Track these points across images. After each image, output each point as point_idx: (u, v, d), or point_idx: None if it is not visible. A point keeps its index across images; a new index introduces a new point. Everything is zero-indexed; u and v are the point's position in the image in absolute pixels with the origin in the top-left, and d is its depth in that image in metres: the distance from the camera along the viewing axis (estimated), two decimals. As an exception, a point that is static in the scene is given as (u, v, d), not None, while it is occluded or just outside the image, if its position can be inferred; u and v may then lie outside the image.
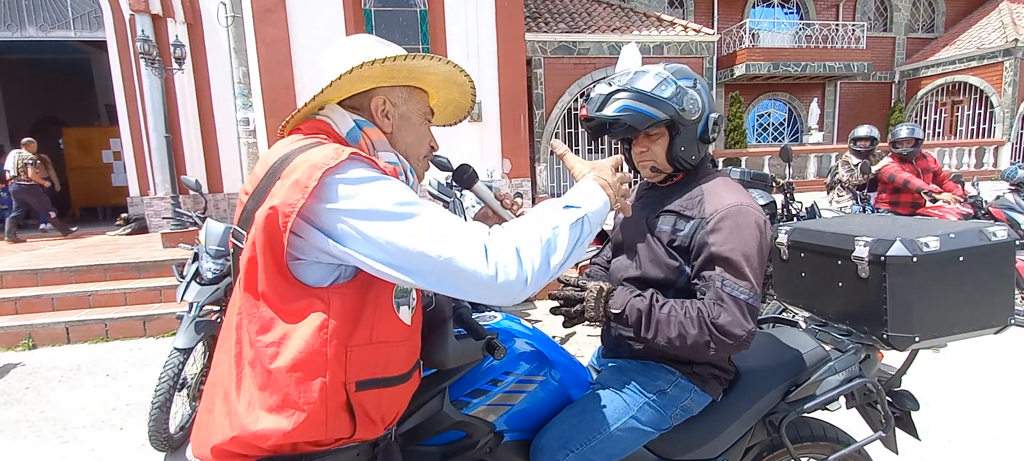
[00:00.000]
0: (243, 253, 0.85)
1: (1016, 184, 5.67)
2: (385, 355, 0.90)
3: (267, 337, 0.83)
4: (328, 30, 8.65)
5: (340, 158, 0.82)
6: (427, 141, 1.10)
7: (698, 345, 1.13)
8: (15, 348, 4.45)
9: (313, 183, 0.79)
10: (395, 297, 0.91)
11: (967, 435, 2.55)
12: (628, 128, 1.23)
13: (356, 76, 0.93)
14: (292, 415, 0.82)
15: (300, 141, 0.91)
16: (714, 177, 1.29)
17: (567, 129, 11.20)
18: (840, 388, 1.34)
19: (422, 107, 1.08)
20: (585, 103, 1.30)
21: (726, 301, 1.12)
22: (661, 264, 1.24)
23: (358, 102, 1.01)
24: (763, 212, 1.19)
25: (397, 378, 0.93)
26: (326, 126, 0.97)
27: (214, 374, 0.90)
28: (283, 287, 0.83)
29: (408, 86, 1.05)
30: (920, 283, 1.20)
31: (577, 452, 1.20)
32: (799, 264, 1.56)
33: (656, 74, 1.24)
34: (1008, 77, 13.35)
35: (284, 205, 0.80)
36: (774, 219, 3.71)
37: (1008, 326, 1.29)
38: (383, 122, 1.02)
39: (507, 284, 0.82)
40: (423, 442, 1.14)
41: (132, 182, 8.86)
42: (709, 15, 15.03)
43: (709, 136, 1.28)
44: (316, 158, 0.82)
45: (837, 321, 1.46)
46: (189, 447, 2.64)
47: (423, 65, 0.99)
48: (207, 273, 2.73)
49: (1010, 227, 1.31)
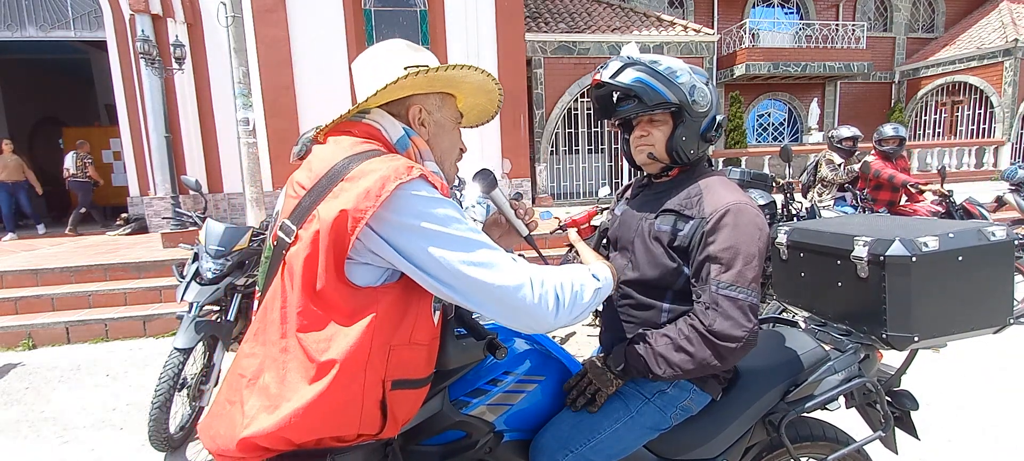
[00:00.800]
0: (295, 248, 0.87)
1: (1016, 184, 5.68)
2: (418, 357, 0.95)
3: (318, 332, 0.85)
4: (328, 30, 8.65)
5: (412, 175, 0.88)
6: (458, 145, 1.15)
7: (706, 360, 1.12)
8: (15, 348, 4.45)
9: (385, 194, 0.84)
10: (434, 301, 0.97)
11: (967, 435, 2.55)
12: (638, 103, 1.22)
13: (401, 85, 0.97)
14: (333, 408, 0.85)
15: (358, 145, 0.95)
16: (711, 175, 1.28)
17: (567, 129, 11.20)
18: (839, 388, 1.34)
19: (454, 113, 1.13)
20: (598, 71, 1.28)
21: (721, 303, 1.11)
22: (660, 265, 1.23)
23: (395, 109, 1.05)
24: (761, 211, 1.19)
25: (423, 380, 0.99)
26: (376, 131, 1.01)
27: (243, 366, 0.91)
28: (339, 285, 0.86)
29: (442, 93, 1.10)
30: (919, 283, 1.20)
31: (577, 452, 1.20)
32: (798, 264, 1.56)
33: (672, 60, 1.25)
34: (1008, 77, 13.34)
35: (355, 210, 0.83)
36: (774, 219, 3.71)
37: (1007, 326, 1.29)
38: (420, 130, 1.07)
39: (543, 315, 0.93)
40: (423, 442, 1.14)
41: (132, 182, 8.86)
42: (709, 15, 15.02)
43: (711, 135, 1.27)
44: (385, 169, 0.87)
45: (836, 321, 1.45)
46: (189, 446, 2.65)
47: (461, 75, 1.04)
48: (207, 273, 2.73)
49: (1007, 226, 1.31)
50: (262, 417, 0.84)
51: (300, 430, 0.83)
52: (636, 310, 1.29)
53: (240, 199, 8.26)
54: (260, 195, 6.15)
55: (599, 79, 1.26)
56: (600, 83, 1.26)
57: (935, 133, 15.40)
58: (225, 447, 0.87)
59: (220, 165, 8.85)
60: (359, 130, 1.00)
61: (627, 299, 1.30)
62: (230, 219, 8.50)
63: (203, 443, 0.92)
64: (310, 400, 0.83)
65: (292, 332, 0.86)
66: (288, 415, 0.83)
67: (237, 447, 0.85)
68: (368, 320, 0.86)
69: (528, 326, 0.94)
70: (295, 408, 0.83)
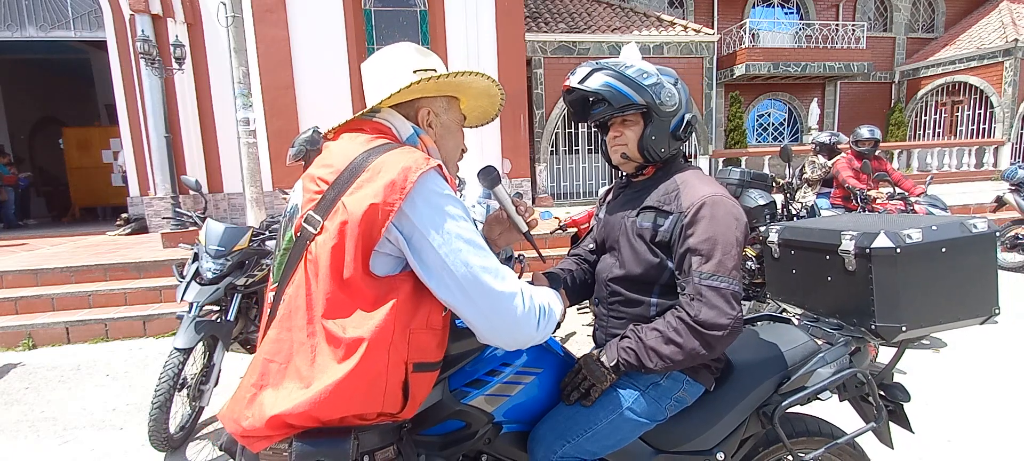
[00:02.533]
0: (322, 238, 0.92)
1: (1016, 184, 5.69)
2: (434, 341, 1.00)
3: (345, 319, 0.90)
4: (328, 30, 8.65)
5: (430, 165, 0.94)
6: (461, 146, 1.21)
7: (695, 349, 1.16)
8: (15, 348, 4.46)
9: (409, 186, 0.90)
10: None
11: (967, 435, 2.55)
12: (607, 106, 1.27)
13: (413, 88, 1.03)
14: (361, 386, 0.90)
15: (374, 141, 1.01)
16: (687, 170, 1.32)
17: (567, 129, 11.20)
18: (831, 379, 1.36)
19: (458, 115, 1.19)
20: (568, 76, 1.33)
21: (705, 294, 1.15)
22: (644, 261, 1.27)
23: (405, 110, 1.11)
24: (736, 202, 1.23)
25: (437, 364, 1.02)
26: (387, 129, 1.07)
27: (269, 351, 0.95)
28: (364, 275, 0.91)
29: (448, 96, 1.16)
30: (905, 274, 1.24)
31: (573, 443, 1.22)
32: (789, 261, 1.59)
33: (640, 64, 1.30)
34: (1008, 77, 13.34)
35: (384, 203, 0.89)
36: (774, 219, 3.71)
37: (993, 316, 1.32)
38: (428, 131, 1.12)
39: (527, 328, 0.99)
40: (423, 431, 1.16)
41: (132, 182, 8.86)
42: (709, 15, 15.03)
43: (681, 133, 1.31)
44: (407, 160, 0.93)
45: (828, 316, 1.49)
46: (189, 446, 2.66)
47: (468, 81, 1.10)
48: (207, 273, 2.73)
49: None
50: (296, 394, 0.89)
51: (329, 407, 0.89)
52: (626, 306, 1.32)
53: (240, 199, 8.26)
54: (260, 195, 6.15)
55: (569, 84, 1.32)
56: (570, 88, 1.32)
57: (935, 133, 15.40)
58: (253, 426, 0.90)
59: (220, 165, 8.86)
60: (371, 127, 1.06)
61: (617, 296, 1.34)
62: (230, 219, 8.50)
63: (227, 427, 0.95)
64: (341, 378, 0.88)
65: (318, 318, 0.91)
66: (320, 391, 0.88)
67: (267, 425, 0.89)
68: (390, 305, 0.91)
69: (507, 337, 0.99)
70: (326, 385, 0.88)
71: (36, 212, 11.33)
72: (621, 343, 1.24)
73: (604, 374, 1.23)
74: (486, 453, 1.25)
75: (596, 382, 1.23)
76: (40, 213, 11.55)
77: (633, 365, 1.21)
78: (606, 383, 1.24)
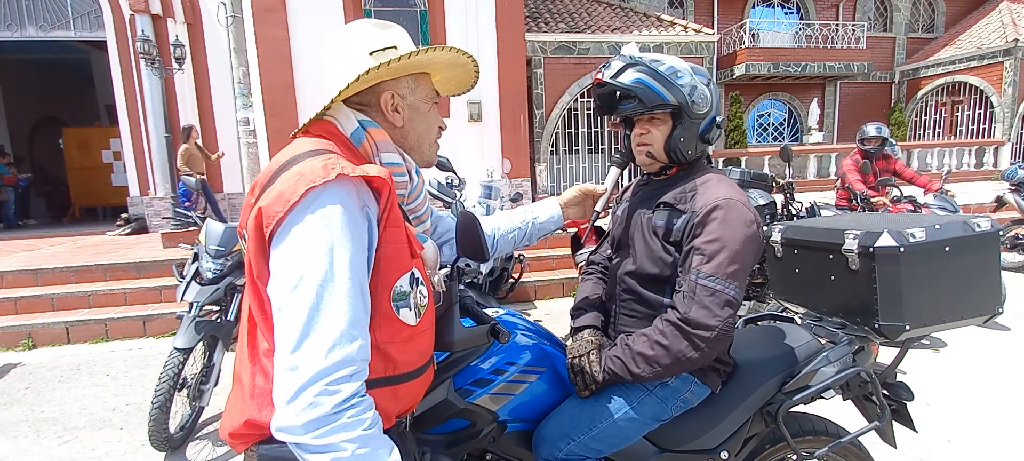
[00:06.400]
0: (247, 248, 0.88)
1: (1016, 184, 5.68)
2: (390, 355, 0.90)
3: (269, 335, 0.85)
4: (328, 30, 8.62)
5: (328, 177, 0.81)
6: (437, 124, 1.11)
7: (682, 352, 1.14)
8: (15, 348, 4.45)
9: (294, 198, 0.79)
10: (393, 301, 0.90)
11: (967, 435, 2.55)
12: (637, 103, 1.23)
13: (362, 80, 0.95)
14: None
15: (305, 146, 0.92)
16: (709, 172, 1.29)
17: (567, 129, 11.20)
18: (834, 377, 1.36)
19: (428, 92, 1.09)
20: (600, 70, 1.29)
21: (698, 292, 1.12)
22: (656, 259, 1.25)
23: (366, 98, 1.02)
24: (754, 210, 1.20)
25: (407, 375, 0.94)
26: (332, 127, 0.99)
27: (237, 356, 0.94)
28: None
29: (414, 75, 1.06)
30: (908, 273, 1.23)
31: (578, 441, 1.22)
32: (792, 261, 1.59)
33: (674, 61, 1.26)
34: (1008, 77, 13.34)
35: (268, 211, 0.81)
36: (774, 219, 3.71)
37: (996, 315, 1.31)
38: (394, 117, 1.03)
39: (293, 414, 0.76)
40: (427, 430, 1.16)
41: (132, 182, 8.86)
42: (709, 15, 15.02)
43: (710, 136, 1.28)
44: (304, 169, 0.83)
45: (831, 315, 1.48)
46: (189, 446, 2.65)
47: (427, 58, 1.00)
48: (207, 273, 2.73)
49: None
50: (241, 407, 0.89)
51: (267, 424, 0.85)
52: (639, 305, 1.30)
53: (240, 199, 8.26)
54: (260, 195, 6.13)
55: (601, 78, 1.27)
56: (602, 82, 1.27)
57: (935, 133, 15.39)
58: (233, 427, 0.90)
59: (220, 165, 8.85)
60: (316, 129, 0.99)
61: (629, 293, 1.32)
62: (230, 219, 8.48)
63: (220, 432, 0.95)
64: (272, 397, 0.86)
65: (257, 331, 0.88)
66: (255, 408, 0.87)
67: (243, 426, 0.88)
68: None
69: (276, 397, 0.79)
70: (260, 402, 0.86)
71: (36, 212, 11.32)
72: (609, 352, 1.24)
73: (598, 365, 1.24)
74: (491, 452, 1.26)
75: (582, 355, 1.26)
76: (40, 213, 11.54)
77: (619, 375, 1.21)
78: (593, 357, 1.25)
